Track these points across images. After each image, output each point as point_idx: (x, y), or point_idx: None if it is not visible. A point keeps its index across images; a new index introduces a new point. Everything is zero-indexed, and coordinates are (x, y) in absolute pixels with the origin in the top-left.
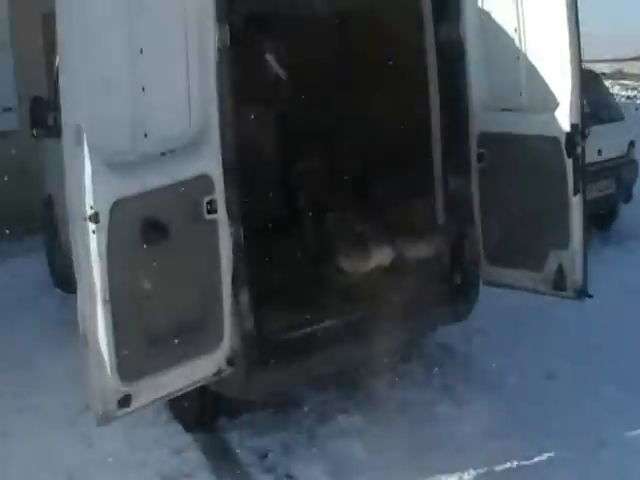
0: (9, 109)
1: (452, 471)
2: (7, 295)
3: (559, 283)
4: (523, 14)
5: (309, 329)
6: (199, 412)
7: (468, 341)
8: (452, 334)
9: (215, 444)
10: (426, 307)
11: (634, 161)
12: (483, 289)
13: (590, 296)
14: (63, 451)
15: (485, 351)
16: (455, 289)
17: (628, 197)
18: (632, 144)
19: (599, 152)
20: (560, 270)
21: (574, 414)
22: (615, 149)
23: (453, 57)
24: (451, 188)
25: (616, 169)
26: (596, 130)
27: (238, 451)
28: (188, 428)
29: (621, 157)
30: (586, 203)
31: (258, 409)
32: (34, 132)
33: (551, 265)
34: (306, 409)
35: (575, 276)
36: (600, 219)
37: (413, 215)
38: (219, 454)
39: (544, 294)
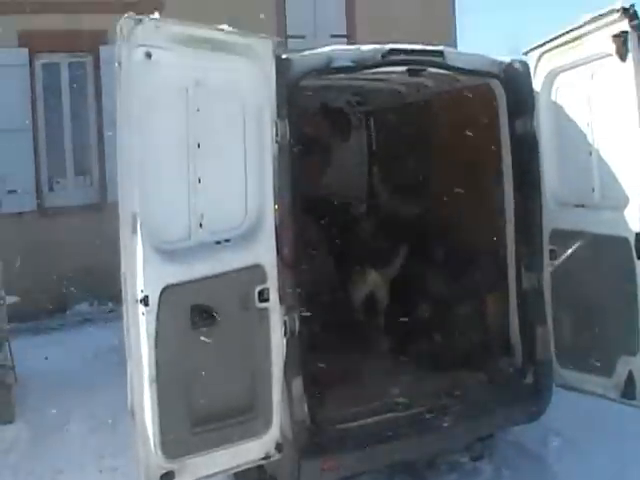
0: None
1: None
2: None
3: (629, 391)
4: (596, 108)
5: (366, 421)
6: None
7: (544, 443)
8: (527, 434)
9: None
10: (497, 405)
11: None
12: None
13: None
14: None
15: (560, 455)
16: (528, 389)
17: None
18: None
19: None
20: (630, 377)
21: None
22: None
23: (527, 150)
24: (524, 285)
25: None
26: None
27: None
28: None
29: None
30: None
31: None
32: None
33: (620, 372)
34: None
35: None
36: None
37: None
38: None
39: (614, 401)
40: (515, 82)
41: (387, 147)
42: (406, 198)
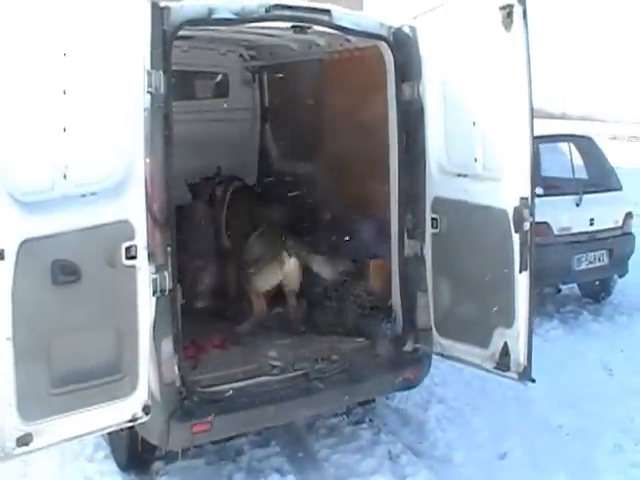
0: None
1: None
2: None
3: (503, 363)
4: (480, 78)
5: (239, 384)
6: (130, 453)
7: (426, 409)
8: (411, 401)
9: None
10: (375, 371)
11: (630, 234)
12: None
13: (533, 381)
14: None
15: (441, 421)
16: (407, 356)
17: (623, 271)
18: (629, 215)
19: (591, 222)
20: (505, 349)
21: None
22: (609, 220)
23: (413, 117)
24: (406, 253)
25: (609, 241)
26: (589, 199)
27: None
28: (122, 467)
29: (615, 228)
30: (533, 281)
31: (194, 457)
32: None
33: (497, 343)
34: (241, 464)
35: (519, 357)
36: (592, 292)
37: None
38: None
39: (489, 372)
40: (403, 46)
41: (279, 104)
42: (296, 157)
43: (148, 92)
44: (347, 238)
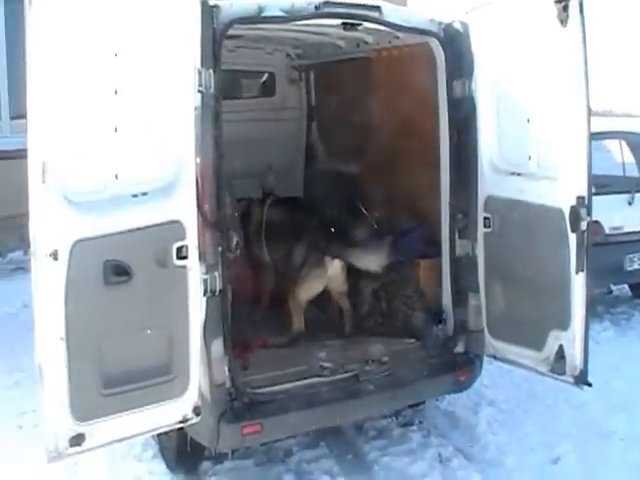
0: None
1: None
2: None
3: (558, 366)
4: (535, 74)
5: (289, 385)
6: (179, 453)
7: (476, 412)
8: (461, 403)
9: None
10: (426, 373)
11: None
12: None
13: (589, 384)
14: (48, 474)
15: (492, 424)
16: (458, 358)
17: None
18: None
19: None
20: (560, 352)
21: None
22: None
23: (464, 114)
24: (458, 253)
25: None
26: None
27: None
28: (170, 467)
29: None
30: (590, 283)
31: (243, 457)
32: None
33: (551, 346)
34: (290, 465)
35: (575, 361)
36: None
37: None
38: None
39: (544, 375)
40: (454, 43)
41: (326, 103)
42: (343, 157)
43: (198, 91)
44: (397, 238)
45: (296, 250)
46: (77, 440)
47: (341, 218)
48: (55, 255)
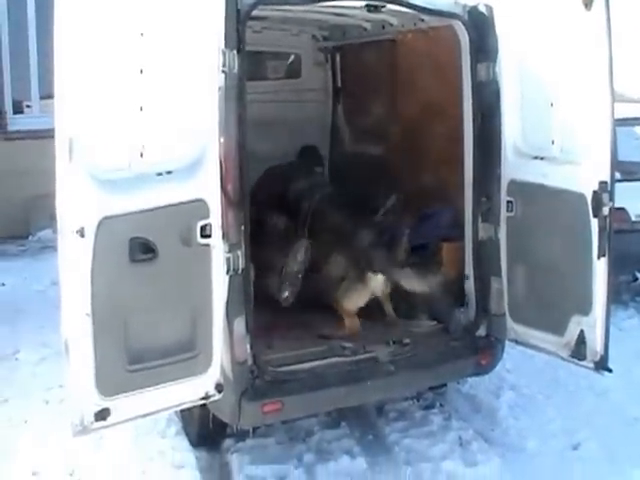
0: None
1: None
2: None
3: (579, 351)
4: (558, 58)
5: (311, 364)
6: (202, 430)
7: (497, 396)
8: (482, 387)
9: (214, 466)
10: (447, 355)
11: None
12: None
13: (610, 370)
14: (73, 448)
15: (513, 409)
16: (480, 341)
17: None
18: None
19: None
20: (581, 337)
21: None
22: None
23: (488, 98)
24: (480, 236)
25: None
26: None
27: (234, 476)
28: (193, 444)
29: None
30: (611, 268)
31: (264, 436)
32: None
33: (572, 331)
34: (311, 444)
35: (596, 346)
36: None
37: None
38: (215, 477)
39: (564, 360)
40: (479, 26)
41: (351, 85)
42: (368, 139)
43: (222, 71)
44: (420, 220)
45: (338, 262)
46: (102, 415)
47: (368, 198)
48: (82, 232)
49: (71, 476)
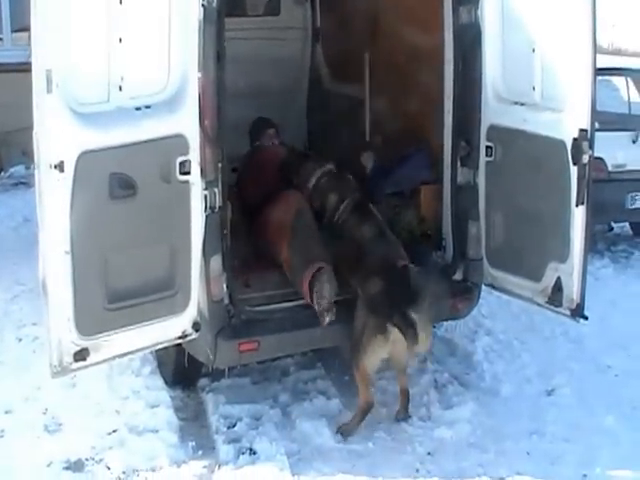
0: None
1: (414, 478)
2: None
3: (555, 298)
4: (542, 4)
5: (287, 304)
6: (177, 370)
7: (473, 340)
8: (458, 331)
9: (189, 405)
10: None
11: None
12: None
13: (585, 318)
14: (47, 386)
15: (488, 354)
16: (456, 285)
17: None
18: None
19: None
20: (558, 284)
21: (562, 440)
22: None
23: (469, 41)
24: (459, 180)
25: None
26: None
27: (209, 416)
28: (168, 383)
29: None
30: (590, 217)
31: (240, 375)
32: None
33: (549, 277)
34: (287, 384)
35: (572, 294)
36: None
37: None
38: (190, 416)
39: (540, 307)
40: None
41: (331, 25)
42: (347, 80)
43: (202, 5)
44: (399, 162)
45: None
46: (82, 355)
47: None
48: (61, 166)
49: (44, 415)
